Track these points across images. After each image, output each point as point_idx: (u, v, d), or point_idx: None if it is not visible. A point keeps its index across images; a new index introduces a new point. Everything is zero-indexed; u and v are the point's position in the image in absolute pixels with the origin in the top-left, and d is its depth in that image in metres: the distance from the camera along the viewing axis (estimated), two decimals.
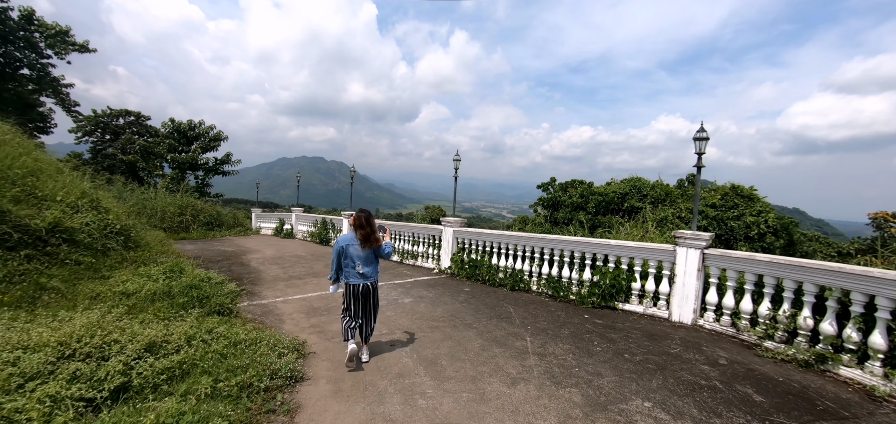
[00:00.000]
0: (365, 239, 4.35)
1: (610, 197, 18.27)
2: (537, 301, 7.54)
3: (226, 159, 27.48)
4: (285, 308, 6.63)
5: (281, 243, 16.25)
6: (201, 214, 19.86)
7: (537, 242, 8.39)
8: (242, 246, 14.65)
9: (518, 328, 5.83)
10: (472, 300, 7.46)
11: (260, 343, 4.33)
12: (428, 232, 11.19)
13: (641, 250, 6.92)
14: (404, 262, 11.54)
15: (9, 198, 6.84)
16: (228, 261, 11.12)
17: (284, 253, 13.32)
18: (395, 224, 12.38)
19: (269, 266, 10.66)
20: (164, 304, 5.59)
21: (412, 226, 11.74)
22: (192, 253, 12.51)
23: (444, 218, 10.35)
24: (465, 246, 9.96)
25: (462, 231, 9.97)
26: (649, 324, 6.25)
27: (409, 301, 7.25)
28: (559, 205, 20.49)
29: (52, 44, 26.48)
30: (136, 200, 18.48)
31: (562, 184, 21.42)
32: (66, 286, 6.10)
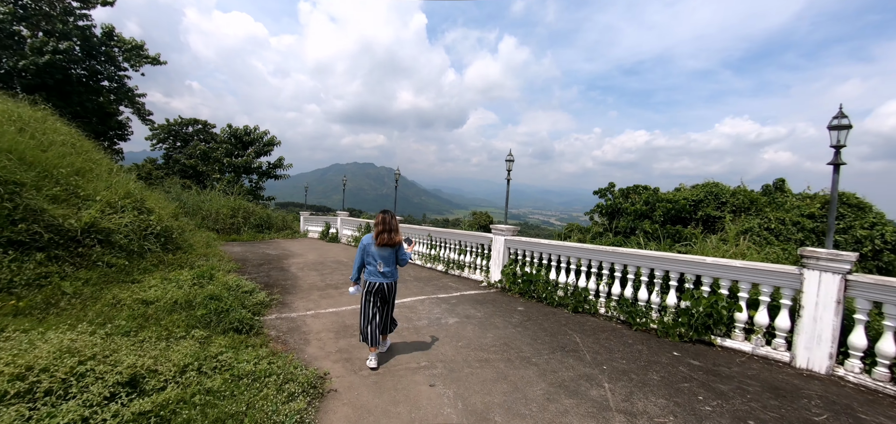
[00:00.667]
0: (378, 235, 4.49)
1: (681, 204, 16.20)
2: (607, 328, 6.23)
3: (278, 163, 28.17)
4: (314, 324, 5.86)
5: (325, 247, 15.92)
6: (252, 217, 20.19)
7: (607, 256, 7.05)
8: (287, 250, 14.42)
9: (590, 367, 4.60)
10: (528, 323, 6.29)
11: (268, 377, 3.50)
12: (476, 240, 10.15)
13: (751, 272, 5.40)
14: (450, 273, 10.56)
15: (47, 197, 6.68)
16: (269, 266, 10.74)
17: (326, 257, 12.84)
18: (441, 230, 11.46)
19: (308, 272, 10.11)
20: (181, 316, 5.00)
21: (459, 234, 10.74)
22: (237, 255, 12.37)
23: (495, 225, 9.25)
24: (517, 258, 8.79)
25: (515, 240, 8.82)
26: (766, 371, 4.77)
27: (455, 322, 6.23)
28: (619, 212, 18.61)
29: (128, 57, 28.58)
30: (192, 202, 19.11)
31: (623, 190, 19.50)
32: (91, 290, 5.72)
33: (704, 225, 15.92)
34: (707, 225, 15.89)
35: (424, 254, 11.79)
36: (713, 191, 16.03)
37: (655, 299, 6.31)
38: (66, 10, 25.13)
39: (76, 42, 25.14)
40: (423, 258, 11.86)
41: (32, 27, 23.94)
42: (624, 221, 17.54)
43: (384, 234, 4.47)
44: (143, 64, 29.29)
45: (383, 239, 4.46)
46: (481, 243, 9.98)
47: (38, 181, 6.81)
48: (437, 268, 11.08)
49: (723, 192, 15.83)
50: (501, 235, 9.04)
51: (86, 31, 25.75)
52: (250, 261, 11.36)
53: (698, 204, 16.27)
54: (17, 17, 22.94)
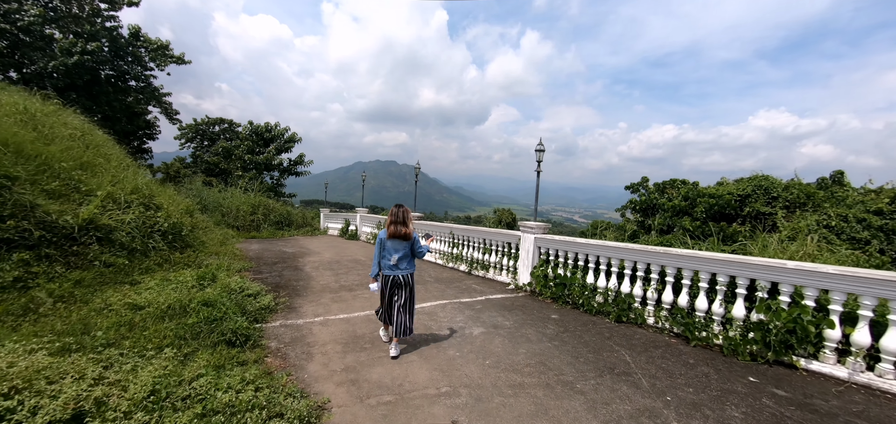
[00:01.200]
0: (389, 226, 4.60)
1: (725, 200, 14.85)
2: (659, 342, 5.31)
3: (299, 160, 28.01)
4: (321, 333, 5.19)
5: (343, 245, 15.39)
6: (272, 214, 19.95)
7: (657, 259, 6.10)
8: (304, 247, 13.95)
9: (650, 398, 3.73)
10: (566, 335, 5.44)
11: (250, 412, 2.80)
12: (502, 238, 9.31)
13: (851, 280, 4.38)
14: (473, 273, 9.76)
15: (43, 192, 6.26)
16: (283, 264, 10.22)
17: (343, 256, 12.26)
18: (464, 228, 10.66)
19: (323, 271, 9.52)
20: (170, 325, 4.40)
21: (483, 231, 9.92)
22: (253, 253, 11.95)
23: (524, 222, 8.39)
24: (549, 258, 7.91)
25: (546, 239, 7.94)
26: (875, 405, 3.78)
27: (480, 332, 5.44)
28: (654, 208, 17.34)
29: (154, 57, 28.99)
30: (212, 199, 18.99)
31: (658, 185, 18.19)
32: (83, 292, 5.23)
33: (752, 222, 14.54)
34: (755, 222, 14.50)
35: (446, 253, 11.03)
36: (762, 185, 14.60)
37: (718, 309, 5.34)
38: (94, 12, 25.61)
39: (104, 43, 25.61)
40: (444, 257, 11.10)
41: (62, 29, 24.49)
42: (660, 218, 16.28)
43: (393, 226, 4.59)
44: (168, 63, 29.68)
45: (393, 231, 4.58)
46: (508, 241, 9.14)
47: (35, 175, 6.41)
48: (460, 269, 10.30)
49: (773, 186, 14.39)
50: (531, 233, 8.17)
51: (113, 31, 26.18)
52: (265, 259, 10.88)
53: (745, 199, 14.88)
54: (48, 19, 23.47)
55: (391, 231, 4.57)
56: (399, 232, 4.56)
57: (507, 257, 9.03)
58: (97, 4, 25.92)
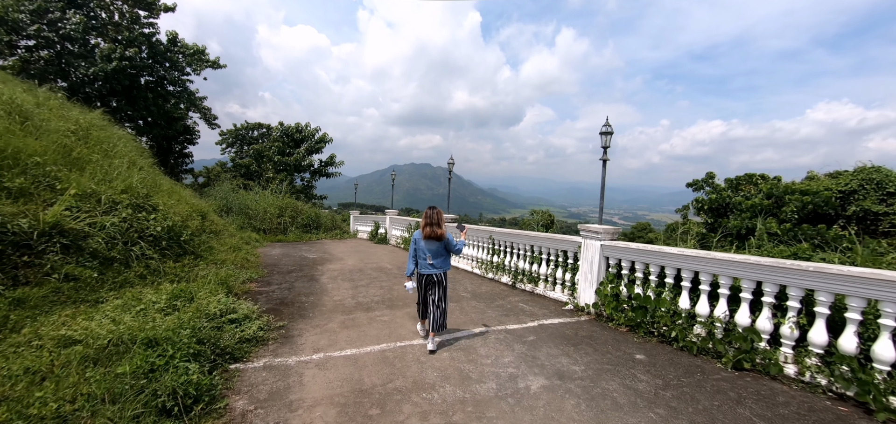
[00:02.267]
0: (424, 228, 4.79)
1: (823, 197, 12.26)
2: (821, 409, 3.43)
3: (330, 161, 27.26)
4: (314, 384, 3.70)
5: (370, 249, 14.10)
6: (300, 216, 19.08)
7: (800, 279, 4.16)
8: (328, 253, 12.75)
9: None
10: (669, 393, 3.66)
11: None
12: (557, 245, 7.54)
13: None
14: (518, 287, 8.06)
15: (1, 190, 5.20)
16: (298, 273, 8.97)
17: (368, 263, 10.90)
18: (506, 232, 8.96)
19: (340, 283, 8.15)
20: (97, 374, 3.06)
21: (531, 236, 8.18)
22: (272, 259, 10.85)
23: (586, 226, 6.59)
24: (621, 272, 6.10)
25: (617, 246, 6.12)
26: None
27: (541, 386, 3.76)
28: (727, 208, 14.86)
29: (190, 61, 29.27)
30: (239, 202, 18.33)
31: (730, 181, 15.65)
32: (19, 316, 4.03)
33: (860, 224, 11.89)
34: (863, 224, 11.85)
35: (484, 262, 9.38)
36: (873, 179, 11.90)
37: None
38: (133, 19, 26.04)
39: (143, 48, 25.95)
40: (482, 266, 9.45)
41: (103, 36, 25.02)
42: (736, 219, 13.81)
43: (428, 228, 4.76)
44: (204, 67, 29.89)
45: (428, 232, 4.75)
46: (564, 249, 7.36)
47: None
48: (502, 281, 8.63)
49: (890, 180, 11.67)
50: (596, 239, 6.37)
51: (151, 37, 26.53)
52: (281, 266, 9.70)
53: (848, 196, 12.23)
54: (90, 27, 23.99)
55: (426, 232, 4.76)
56: (434, 234, 4.75)
57: (563, 269, 7.26)
58: (136, 12, 26.36)
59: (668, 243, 13.57)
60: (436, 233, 4.72)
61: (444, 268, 4.79)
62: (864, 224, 11.82)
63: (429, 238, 4.73)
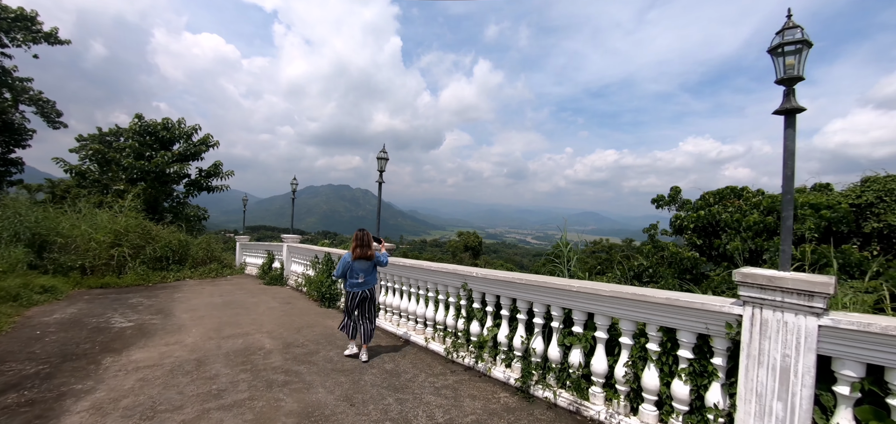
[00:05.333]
0: (354, 250, 5.01)
1: (842, 211, 10.12)
2: None
3: (214, 170, 20.76)
4: None
5: (251, 299, 8.90)
6: (150, 245, 12.88)
7: None
8: (167, 312, 7.35)
9: None
10: None
11: None
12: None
13: None
14: (536, 394, 3.85)
15: None
16: (34, 386, 3.74)
17: (231, 336, 5.88)
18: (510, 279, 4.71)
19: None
20: None
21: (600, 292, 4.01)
22: (40, 329, 5.30)
23: (750, 272, 2.64)
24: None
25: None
26: None
27: None
28: (718, 227, 12.40)
29: (8, 27, 20.91)
30: (47, 226, 11.65)
31: (707, 197, 13.37)
32: None
33: (882, 241, 9.85)
34: (888, 241, 9.83)
35: (451, 332, 5.08)
36: (891, 188, 10.02)
37: None
38: None
39: None
40: (447, 340, 5.12)
41: None
42: (736, 241, 11.28)
43: (358, 249, 4.99)
44: (32, 40, 21.64)
45: (359, 253, 4.98)
46: (697, 327, 3.33)
47: None
48: (494, 375, 4.34)
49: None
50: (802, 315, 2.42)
51: None
52: (18, 357, 4.31)
53: (865, 210, 10.24)
54: None
55: (357, 253, 4.97)
56: (365, 255, 4.98)
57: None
58: None
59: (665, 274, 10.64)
60: (366, 254, 4.98)
61: (372, 284, 5.07)
62: (888, 243, 9.75)
63: (360, 258, 4.96)
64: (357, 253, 4.93)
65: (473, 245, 61.34)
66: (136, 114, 18.66)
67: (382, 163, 6.63)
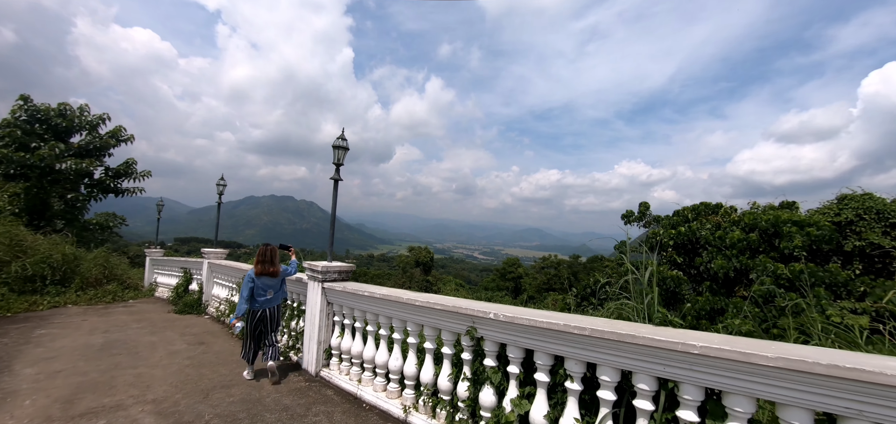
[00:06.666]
0: (256, 265, 4.76)
1: (827, 230, 9.74)
2: None
3: (125, 170, 17.33)
4: None
5: (152, 337, 6.54)
6: (21, 260, 9.85)
7: None
8: (2, 365, 4.88)
9: None
10: None
11: None
12: None
13: None
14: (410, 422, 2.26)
15: None
16: None
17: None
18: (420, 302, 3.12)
19: None
20: None
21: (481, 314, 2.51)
22: None
23: None
24: None
25: None
26: None
27: None
28: (697, 245, 11.77)
29: None
30: None
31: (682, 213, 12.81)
32: None
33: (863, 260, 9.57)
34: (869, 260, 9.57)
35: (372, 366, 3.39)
36: (870, 207, 9.82)
37: None
38: None
39: None
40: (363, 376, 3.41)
41: None
42: (720, 259, 10.62)
43: (259, 265, 4.75)
44: None
45: (260, 270, 4.73)
46: None
47: None
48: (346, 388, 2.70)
49: (888, 208, 9.65)
50: None
51: None
52: None
53: (845, 228, 9.95)
54: None
55: (258, 270, 4.73)
56: (268, 271, 4.74)
57: None
58: None
59: None
60: (269, 271, 4.75)
61: (277, 301, 4.86)
62: (869, 261, 9.44)
63: (263, 275, 4.72)
64: (259, 270, 4.72)
65: (425, 260, 59.45)
66: (20, 96, 14.97)
67: (340, 155, 4.79)
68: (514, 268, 67.59)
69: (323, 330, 4.73)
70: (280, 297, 4.91)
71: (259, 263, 4.74)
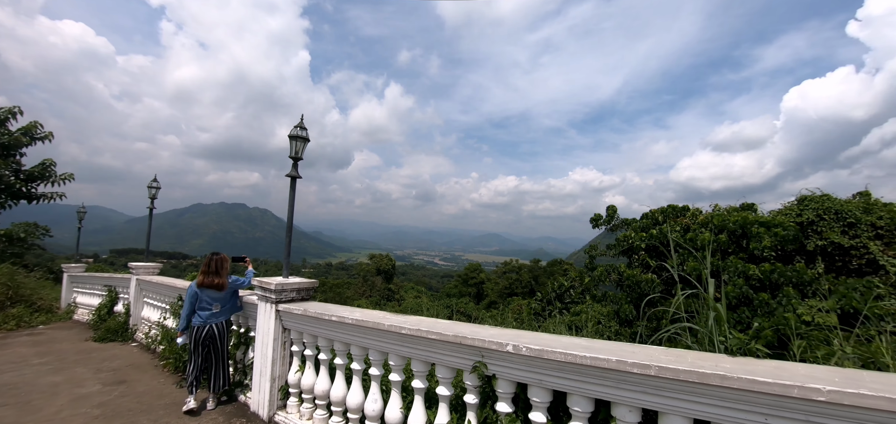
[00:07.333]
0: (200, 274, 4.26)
1: (793, 231, 9.94)
2: None
3: (40, 173, 15.06)
4: None
5: (55, 377, 5.24)
6: None
7: None
8: None
9: None
10: None
11: None
12: None
13: None
14: None
15: None
16: None
17: None
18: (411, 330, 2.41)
19: None
20: None
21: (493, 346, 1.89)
22: None
23: None
24: None
25: None
26: None
27: None
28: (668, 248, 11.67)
29: None
30: None
31: (660, 212, 12.80)
32: None
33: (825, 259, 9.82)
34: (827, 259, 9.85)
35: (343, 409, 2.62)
36: (829, 207, 10.12)
37: None
38: None
39: None
40: None
41: None
42: (685, 260, 10.61)
43: (203, 275, 4.22)
44: None
45: (200, 281, 4.21)
46: None
47: None
48: None
49: (848, 209, 9.97)
50: None
51: None
52: None
53: (807, 228, 10.21)
54: None
55: (200, 280, 4.20)
56: (212, 283, 4.18)
57: None
58: None
59: None
60: (213, 283, 4.17)
61: (222, 318, 4.29)
62: (830, 260, 9.70)
63: (206, 287, 4.17)
64: (201, 280, 4.17)
65: (386, 268, 58.01)
66: None
67: (299, 146, 3.94)
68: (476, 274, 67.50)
69: (278, 364, 3.80)
70: (230, 313, 4.43)
71: (201, 272, 4.25)
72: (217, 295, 4.26)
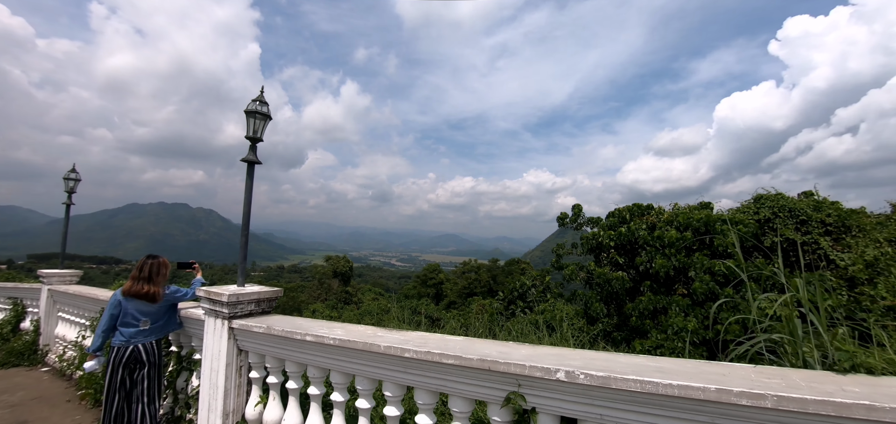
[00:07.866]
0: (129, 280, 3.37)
1: (751, 228, 10.28)
2: None
3: None
4: None
5: None
6: None
7: None
8: None
9: None
10: None
11: None
12: None
13: None
14: None
15: None
16: None
17: None
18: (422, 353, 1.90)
19: None
20: None
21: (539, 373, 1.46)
22: None
23: None
24: None
25: None
26: None
27: None
28: (636, 245, 11.84)
29: None
30: None
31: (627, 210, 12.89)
32: None
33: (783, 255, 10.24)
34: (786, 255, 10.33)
35: None
36: (783, 205, 10.59)
37: None
38: None
39: None
40: None
41: None
42: (661, 259, 10.71)
43: (132, 282, 3.32)
44: None
45: (129, 287, 3.30)
46: None
47: None
48: None
49: (800, 207, 10.47)
50: None
51: None
52: None
53: (764, 224, 10.63)
54: None
55: (128, 287, 3.31)
56: (142, 291, 3.25)
57: None
58: None
59: None
60: (143, 291, 3.25)
61: (153, 337, 3.33)
62: (785, 255, 10.13)
63: (134, 296, 3.25)
64: (128, 287, 3.29)
65: (343, 270, 56.09)
66: None
67: (258, 125, 3.22)
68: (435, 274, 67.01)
69: (232, 396, 3.03)
70: (163, 332, 3.48)
71: (130, 278, 3.37)
72: (148, 308, 3.33)
